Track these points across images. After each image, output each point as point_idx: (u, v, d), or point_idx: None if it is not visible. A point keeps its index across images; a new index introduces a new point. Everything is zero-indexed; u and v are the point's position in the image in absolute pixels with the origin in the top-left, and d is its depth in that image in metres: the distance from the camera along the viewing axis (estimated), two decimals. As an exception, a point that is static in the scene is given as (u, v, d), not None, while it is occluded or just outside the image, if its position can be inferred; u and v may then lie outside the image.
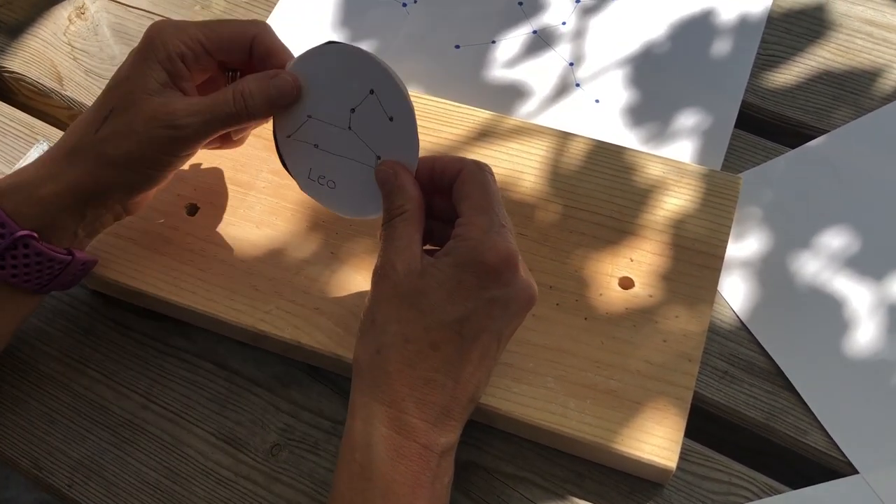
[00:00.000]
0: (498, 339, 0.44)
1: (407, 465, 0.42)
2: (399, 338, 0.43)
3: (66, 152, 0.48)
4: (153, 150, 0.48)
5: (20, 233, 0.47)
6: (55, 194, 0.48)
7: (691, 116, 0.63)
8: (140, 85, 0.48)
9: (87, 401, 0.54)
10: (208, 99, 0.49)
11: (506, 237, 0.44)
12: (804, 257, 0.56)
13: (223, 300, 0.54)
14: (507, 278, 0.43)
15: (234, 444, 0.52)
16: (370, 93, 0.50)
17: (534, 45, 0.67)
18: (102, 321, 0.57)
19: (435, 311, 0.43)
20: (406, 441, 0.42)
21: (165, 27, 0.49)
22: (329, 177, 0.52)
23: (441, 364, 0.43)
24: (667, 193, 0.56)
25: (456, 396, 0.43)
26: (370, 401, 0.43)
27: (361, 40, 0.69)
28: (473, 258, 0.43)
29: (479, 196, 0.45)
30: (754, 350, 0.54)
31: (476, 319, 0.43)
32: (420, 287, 0.43)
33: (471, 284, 0.43)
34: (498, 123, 0.60)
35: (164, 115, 0.48)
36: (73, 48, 0.70)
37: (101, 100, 0.49)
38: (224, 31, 0.50)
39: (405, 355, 0.43)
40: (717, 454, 0.51)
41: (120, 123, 0.48)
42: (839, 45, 0.65)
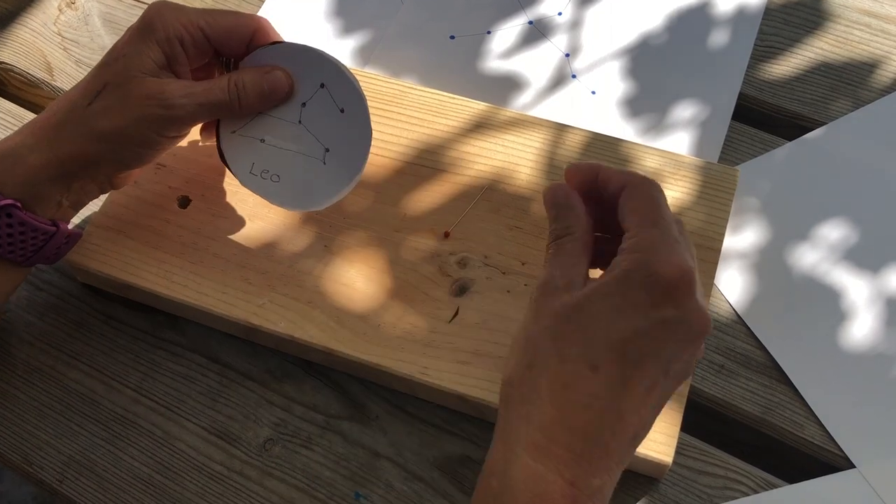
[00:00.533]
0: (665, 371, 0.38)
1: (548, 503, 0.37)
2: (554, 355, 0.38)
3: (54, 123, 0.48)
4: (144, 127, 0.48)
5: (3, 202, 0.46)
6: (42, 164, 0.47)
7: (688, 108, 0.62)
8: (136, 63, 0.48)
9: (78, 395, 0.54)
10: (203, 84, 0.49)
11: (681, 252, 0.39)
12: (801, 250, 0.56)
13: (215, 293, 0.53)
14: (680, 297, 0.38)
15: (227, 439, 0.52)
16: (320, 86, 0.51)
17: (529, 35, 0.67)
18: (93, 315, 0.56)
19: (597, 329, 0.38)
20: (551, 475, 0.37)
21: (166, 9, 0.49)
22: (273, 171, 0.53)
23: (601, 389, 0.37)
24: (664, 185, 0.55)
25: (615, 430, 0.37)
26: (518, 422, 0.38)
27: (355, 30, 0.68)
28: (645, 271, 0.38)
29: (648, 209, 0.40)
30: (751, 344, 0.53)
31: (643, 341, 0.37)
32: (582, 303, 0.39)
33: (639, 301, 0.38)
34: (493, 115, 0.59)
35: (158, 94, 0.47)
36: (63, 38, 0.69)
37: (95, 74, 0.49)
38: (225, 22, 0.50)
39: (560, 374, 0.38)
40: (714, 448, 0.50)
41: (113, 99, 0.47)
42: (837, 36, 0.65)
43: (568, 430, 0.37)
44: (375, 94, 0.60)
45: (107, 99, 0.48)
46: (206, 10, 0.50)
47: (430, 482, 0.50)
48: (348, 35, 0.68)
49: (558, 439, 0.37)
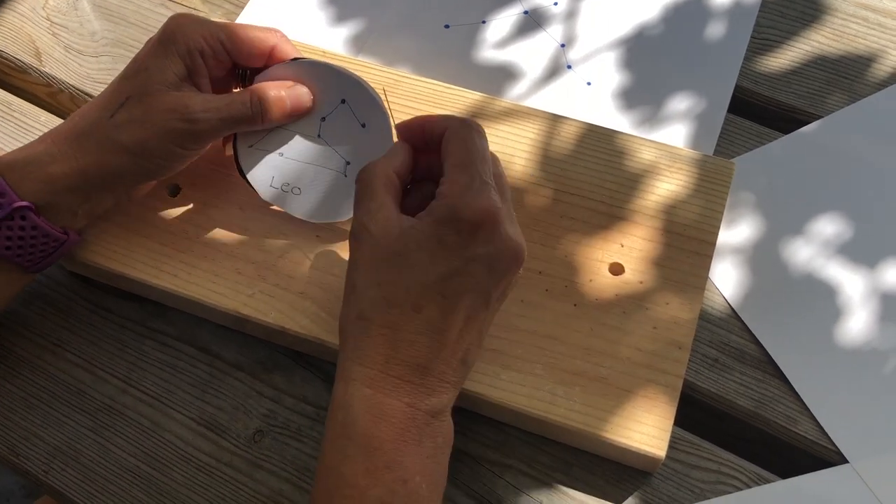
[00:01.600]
0: (486, 300, 0.43)
1: (389, 422, 0.41)
2: (381, 302, 0.42)
3: (77, 134, 0.48)
4: (167, 141, 0.48)
5: (18, 203, 0.46)
6: (63, 174, 0.48)
7: (684, 100, 0.62)
8: (159, 76, 0.48)
9: (65, 385, 0.53)
10: (225, 98, 0.49)
11: (486, 194, 0.43)
12: (796, 244, 0.56)
13: (205, 283, 0.52)
14: (487, 236, 0.42)
15: (216, 430, 0.51)
16: (341, 102, 0.51)
17: (525, 25, 0.66)
18: (81, 303, 0.56)
19: (416, 273, 0.42)
20: (388, 399, 0.41)
21: (187, 22, 0.49)
22: (294, 184, 0.53)
23: (425, 326, 0.42)
24: (659, 178, 0.55)
25: (443, 358, 0.42)
26: (353, 364, 0.42)
27: (348, 19, 0.67)
28: (452, 216, 0.42)
29: (460, 153, 0.44)
30: (745, 338, 0.53)
31: (458, 279, 0.42)
32: (400, 248, 0.43)
33: (451, 243, 0.42)
34: (488, 105, 0.58)
35: (181, 107, 0.48)
36: (52, 23, 0.68)
37: (117, 86, 0.49)
38: (245, 36, 0.50)
39: (387, 319, 0.42)
40: (707, 443, 0.50)
41: (136, 112, 0.48)
42: (834, 29, 0.64)
43: (400, 364, 0.42)
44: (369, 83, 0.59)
45: (129, 112, 0.48)
46: (225, 24, 0.50)
47: (421, 475, 0.49)
48: (341, 24, 0.67)
49: (392, 372, 0.42)
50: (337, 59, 0.61)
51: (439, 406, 0.42)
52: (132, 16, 0.68)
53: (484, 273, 0.42)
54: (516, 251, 0.43)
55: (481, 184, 0.43)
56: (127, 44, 0.66)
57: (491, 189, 0.43)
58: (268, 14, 0.67)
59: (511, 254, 0.43)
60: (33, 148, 0.48)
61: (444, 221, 0.42)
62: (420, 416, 0.42)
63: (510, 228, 0.43)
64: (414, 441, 0.41)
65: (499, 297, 0.44)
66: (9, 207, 0.46)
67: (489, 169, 0.44)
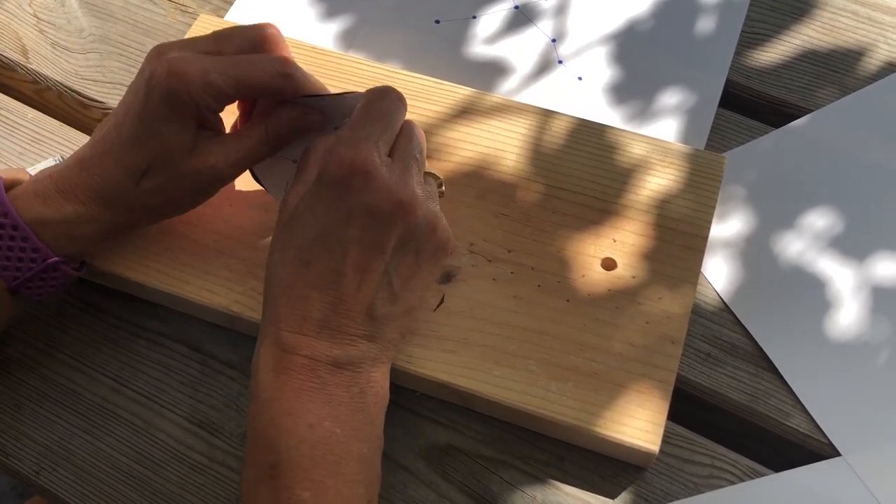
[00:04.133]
0: (379, 251, 0.44)
1: (289, 375, 0.42)
2: (279, 264, 0.44)
3: (102, 198, 0.48)
4: (197, 196, 0.50)
5: (52, 260, 0.48)
6: (94, 233, 0.49)
7: (675, 95, 0.62)
8: (177, 143, 0.47)
9: (57, 385, 0.53)
10: (243, 143, 0.49)
11: (359, 147, 0.44)
12: (788, 238, 0.56)
13: (195, 281, 0.52)
14: (359, 187, 0.43)
15: (208, 429, 0.51)
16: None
17: (515, 20, 0.66)
18: (72, 303, 0.55)
19: (303, 230, 0.44)
20: (286, 355, 0.43)
21: (191, 80, 0.46)
22: None
23: (316, 280, 0.43)
24: (650, 173, 0.55)
25: (341, 311, 0.43)
26: (265, 326, 0.44)
27: (337, 14, 0.67)
28: (325, 171, 0.44)
29: (358, 112, 0.46)
30: (738, 332, 0.53)
31: (339, 232, 0.43)
32: (294, 210, 0.45)
33: (327, 198, 0.44)
34: (479, 101, 0.58)
35: (207, 169, 0.48)
36: (38, 20, 0.67)
37: (133, 149, 0.47)
38: (256, 83, 0.47)
39: (283, 278, 0.44)
40: (700, 437, 0.50)
41: (162, 179, 0.48)
42: (824, 23, 0.65)
43: (296, 320, 0.43)
44: (358, 80, 0.59)
45: (155, 179, 0.48)
46: (232, 70, 0.47)
47: (414, 471, 0.49)
48: (331, 19, 0.67)
49: (289, 329, 0.43)
50: (326, 54, 0.60)
51: (346, 357, 0.43)
52: (120, 12, 0.67)
53: (367, 223, 0.43)
54: (395, 199, 0.43)
55: (356, 138, 0.44)
56: (115, 40, 0.66)
57: (369, 143, 0.44)
58: (256, 10, 0.67)
59: (392, 202, 0.43)
60: (59, 206, 0.47)
61: (319, 177, 0.44)
62: (321, 366, 0.42)
63: (390, 178, 0.44)
64: (316, 389, 0.42)
65: (401, 247, 0.44)
66: (43, 263, 0.48)
67: (380, 128, 0.45)
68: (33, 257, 0.47)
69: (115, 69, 0.65)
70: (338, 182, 0.43)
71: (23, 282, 0.48)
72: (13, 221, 0.46)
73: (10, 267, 0.47)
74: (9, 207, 0.47)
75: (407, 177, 0.45)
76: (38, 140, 0.61)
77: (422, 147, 0.47)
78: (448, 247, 0.47)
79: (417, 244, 0.45)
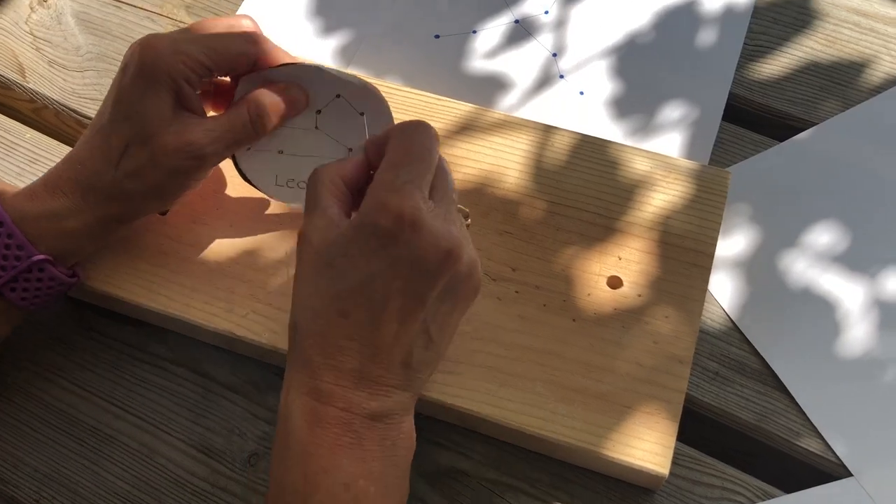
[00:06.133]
0: (421, 301, 0.41)
1: (325, 428, 0.40)
2: (310, 311, 0.42)
3: (84, 187, 0.48)
4: (178, 179, 0.48)
5: (37, 257, 0.47)
6: (82, 225, 0.48)
7: (678, 109, 0.61)
8: (154, 117, 0.47)
9: (58, 411, 0.52)
10: (224, 121, 0.48)
11: (404, 193, 0.41)
12: (794, 253, 0.55)
13: (198, 304, 0.51)
14: (406, 237, 0.41)
15: (210, 454, 0.50)
16: (336, 97, 0.50)
17: (515, 34, 0.65)
18: (73, 328, 0.55)
19: (341, 278, 0.41)
20: (322, 406, 0.41)
21: (163, 50, 0.47)
22: (299, 178, 0.52)
23: (353, 331, 0.41)
24: (655, 189, 0.55)
25: (378, 361, 0.41)
26: (292, 372, 0.42)
27: (336, 29, 0.66)
28: (368, 219, 0.41)
29: (394, 151, 0.43)
30: (745, 350, 0.52)
31: (382, 282, 0.41)
32: (329, 254, 0.42)
33: (371, 246, 0.41)
34: (480, 116, 0.58)
35: (186, 146, 0.47)
36: (35, 38, 0.67)
37: (112, 130, 0.47)
38: (226, 51, 0.48)
39: (317, 327, 0.42)
40: (709, 457, 0.49)
41: (141, 158, 0.47)
42: (826, 35, 0.64)
43: (332, 370, 0.41)
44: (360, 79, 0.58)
45: (133, 160, 0.47)
46: (202, 41, 0.48)
47: (420, 496, 0.49)
48: (330, 34, 0.66)
49: (325, 378, 0.41)
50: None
51: (381, 409, 0.41)
52: (117, 29, 0.67)
53: (411, 274, 0.41)
54: (443, 249, 0.41)
55: (402, 183, 0.42)
56: (112, 58, 0.65)
57: (413, 189, 0.42)
58: (255, 26, 0.66)
59: (436, 253, 0.41)
60: (45, 200, 0.47)
61: (363, 224, 0.41)
62: (357, 420, 0.41)
63: (437, 226, 0.41)
64: (352, 445, 0.41)
65: (442, 296, 0.42)
66: (27, 261, 0.46)
67: (422, 170, 0.43)
68: (18, 255, 0.46)
69: (113, 87, 0.64)
70: (384, 232, 0.41)
71: (7, 282, 0.47)
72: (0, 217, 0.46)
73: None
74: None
75: (449, 222, 0.42)
76: (37, 160, 0.61)
77: (453, 183, 0.45)
78: (479, 288, 0.44)
79: (456, 291, 0.43)
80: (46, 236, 0.47)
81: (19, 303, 0.48)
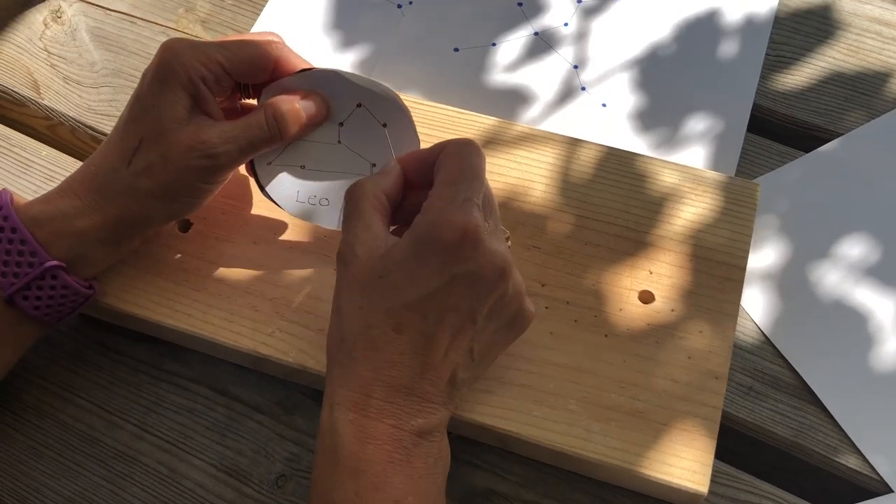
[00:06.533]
0: (472, 318, 0.41)
1: (375, 444, 0.40)
2: (361, 324, 0.42)
3: (96, 186, 0.47)
4: (190, 180, 0.47)
5: (49, 263, 0.45)
6: (92, 227, 0.47)
7: (702, 120, 0.61)
8: (168, 114, 0.46)
9: (77, 432, 0.51)
10: (241, 124, 0.47)
11: (466, 210, 0.41)
12: (824, 266, 0.55)
13: (221, 322, 0.51)
14: (467, 254, 0.41)
15: (237, 476, 0.49)
16: (357, 106, 0.49)
17: (535, 47, 0.65)
18: (91, 346, 0.54)
19: (396, 293, 0.41)
20: (373, 423, 0.40)
21: (182, 49, 0.47)
22: (321, 195, 0.51)
23: (407, 347, 0.41)
24: (683, 202, 0.54)
25: (428, 378, 0.41)
26: (338, 388, 0.42)
27: (354, 44, 0.66)
28: (430, 235, 0.41)
29: (450, 168, 0.43)
30: (778, 364, 0.52)
31: (439, 298, 0.41)
32: (380, 269, 0.42)
33: (430, 263, 0.41)
34: (504, 130, 0.57)
35: (199, 144, 0.46)
36: (49, 54, 0.66)
37: (126, 129, 0.47)
38: (245, 55, 0.48)
39: (369, 341, 0.41)
40: (746, 474, 0.48)
41: (153, 155, 0.46)
42: (849, 45, 0.64)
43: (382, 386, 0.41)
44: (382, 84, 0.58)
45: (146, 157, 0.46)
46: (223, 44, 0.48)
47: (452, 517, 0.48)
48: (348, 49, 0.65)
49: (375, 395, 0.41)
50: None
51: (427, 426, 0.41)
52: (132, 45, 0.66)
53: (467, 291, 0.41)
54: (499, 267, 0.41)
55: (463, 200, 0.42)
56: (128, 73, 0.64)
57: (473, 206, 0.42)
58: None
59: (493, 270, 0.41)
60: (57, 202, 0.47)
61: (423, 239, 0.41)
62: (406, 436, 0.41)
63: (493, 244, 0.42)
64: (402, 462, 0.40)
65: (489, 315, 0.42)
66: (40, 267, 0.45)
67: (479, 187, 0.43)
68: (31, 261, 0.45)
69: (129, 103, 0.63)
70: (446, 247, 0.41)
71: (20, 289, 0.46)
72: (13, 223, 0.45)
73: (8, 272, 0.45)
74: (10, 210, 0.46)
75: (500, 239, 0.43)
76: (53, 178, 0.60)
77: (496, 203, 0.45)
78: (528, 318, 0.44)
79: (501, 311, 0.43)
80: (57, 241, 0.46)
81: (32, 312, 0.47)
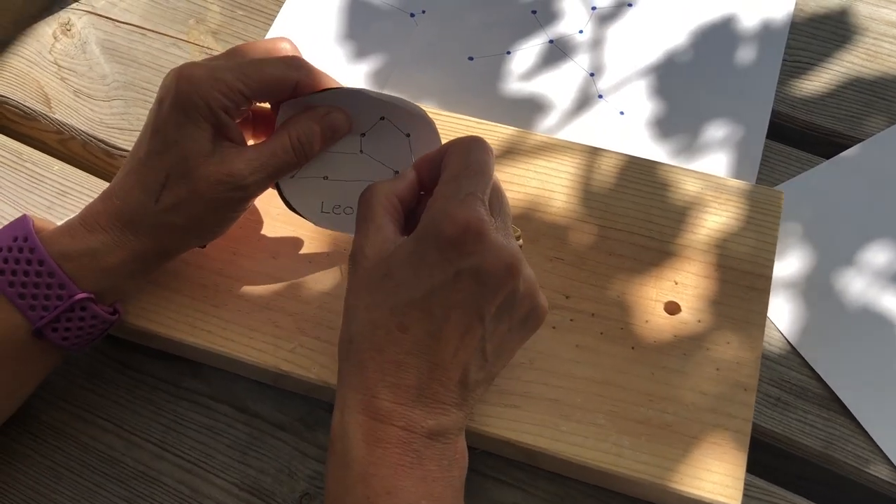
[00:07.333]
0: (480, 316, 0.40)
1: (385, 448, 0.39)
2: (367, 324, 0.41)
3: (124, 223, 0.46)
4: (220, 211, 0.47)
5: (80, 295, 0.45)
6: (121, 262, 0.46)
7: (721, 127, 0.60)
8: (193, 149, 0.45)
9: (96, 452, 0.50)
10: (266, 150, 0.47)
11: (469, 205, 0.41)
12: (850, 273, 0.54)
13: (241, 339, 0.50)
14: (470, 248, 0.40)
15: (260, 495, 0.49)
16: (381, 119, 0.49)
17: (551, 55, 0.64)
18: (109, 364, 0.53)
19: (400, 291, 0.41)
20: (382, 425, 0.40)
21: (199, 80, 0.45)
22: (345, 204, 0.50)
23: (412, 346, 0.40)
24: (706, 211, 0.53)
25: (436, 378, 0.40)
26: (347, 391, 0.41)
27: (367, 54, 0.65)
28: (433, 231, 0.40)
29: (454, 164, 0.43)
30: (806, 374, 0.51)
31: (444, 295, 0.40)
32: (386, 268, 0.41)
33: (433, 259, 0.40)
34: (523, 140, 0.56)
35: (228, 177, 0.46)
36: (59, 67, 0.65)
37: (149, 164, 0.46)
38: (263, 77, 0.47)
39: (374, 341, 0.41)
40: (777, 487, 0.48)
41: (181, 192, 0.46)
42: (867, 49, 0.63)
43: (389, 388, 0.40)
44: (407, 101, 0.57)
45: (174, 193, 0.46)
46: (240, 67, 0.46)
47: (479, 534, 0.47)
48: (362, 59, 0.65)
49: (383, 396, 0.40)
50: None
51: (439, 428, 0.41)
52: (143, 57, 0.65)
53: (473, 287, 0.40)
54: (505, 262, 0.40)
55: (466, 195, 0.41)
56: (139, 86, 0.64)
57: (477, 201, 0.41)
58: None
59: (500, 265, 0.40)
60: (85, 239, 0.46)
61: (426, 235, 0.41)
62: (417, 439, 0.40)
63: (499, 239, 0.41)
64: (413, 465, 0.40)
65: (499, 313, 0.41)
66: (69, 300, 0.45)
67: (483, 182, 0.42)
68: (60, 294, 0.45)
69: (141, 116, 0.62)
70: (449, 242, 0.40)
71: (49, 322, 0.45)
72: (39, 256, 0.45)
73: (37, 306, 0.45)
74: (36, 242, 0.45)
75: (508, 235, 0.42)
76: (65, 192, 0.59)
77: (507, 200, 0.45)
78: (541, 315, 0.43)
79: (513, 309, 0.42)
80: (88, 273, 0.46)
81: (60, 343, 0.46)
